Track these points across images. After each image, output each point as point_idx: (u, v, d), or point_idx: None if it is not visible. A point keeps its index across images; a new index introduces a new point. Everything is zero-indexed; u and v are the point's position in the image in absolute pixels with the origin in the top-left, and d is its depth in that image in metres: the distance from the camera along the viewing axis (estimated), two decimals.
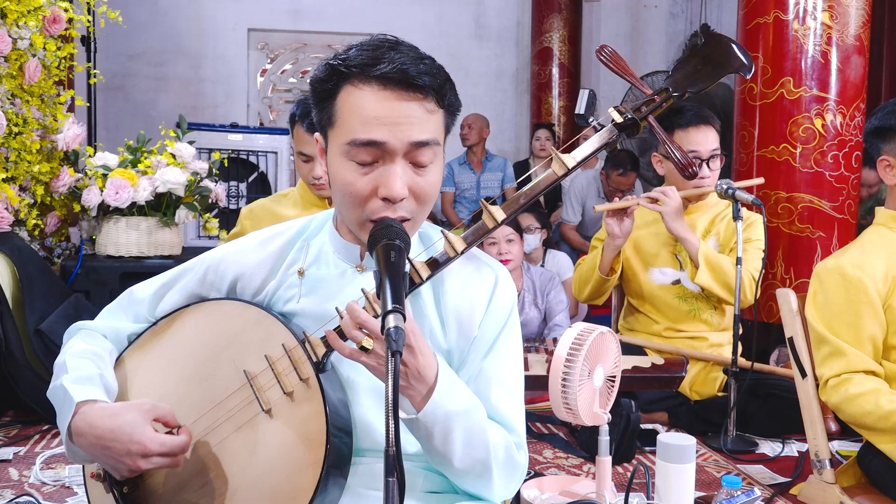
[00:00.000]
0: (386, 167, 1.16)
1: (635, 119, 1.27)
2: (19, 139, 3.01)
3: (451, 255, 1.22)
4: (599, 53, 1.37)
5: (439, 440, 1.17)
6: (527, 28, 7.40)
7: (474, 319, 1.29)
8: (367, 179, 1.17)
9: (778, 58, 3.34)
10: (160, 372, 1.29)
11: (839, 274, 2.01)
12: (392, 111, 1.14)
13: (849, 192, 3.35)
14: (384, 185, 1.16)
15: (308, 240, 1.33)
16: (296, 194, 2.74)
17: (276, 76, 7.41)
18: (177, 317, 1.32)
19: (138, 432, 1.13)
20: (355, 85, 1.16)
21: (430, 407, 1.14)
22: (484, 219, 1.24)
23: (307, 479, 1.14)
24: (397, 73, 1.14)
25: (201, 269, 1.34)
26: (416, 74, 1.14)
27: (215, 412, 1.23)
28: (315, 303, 1.28)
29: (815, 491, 2.13)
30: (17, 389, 2.76)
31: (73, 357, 1.26)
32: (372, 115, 1.14)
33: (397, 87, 1.15)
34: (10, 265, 2.84)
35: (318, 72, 1.20)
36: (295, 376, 1.19)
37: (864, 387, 1.94)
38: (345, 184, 1.18)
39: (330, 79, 1.18)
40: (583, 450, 2.58)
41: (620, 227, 2.79)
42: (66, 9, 3.22)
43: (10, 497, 2.07)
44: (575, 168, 1.25)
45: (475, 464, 1.22)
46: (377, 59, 1.15)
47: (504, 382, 1.29)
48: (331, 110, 1.19)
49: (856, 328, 1.98)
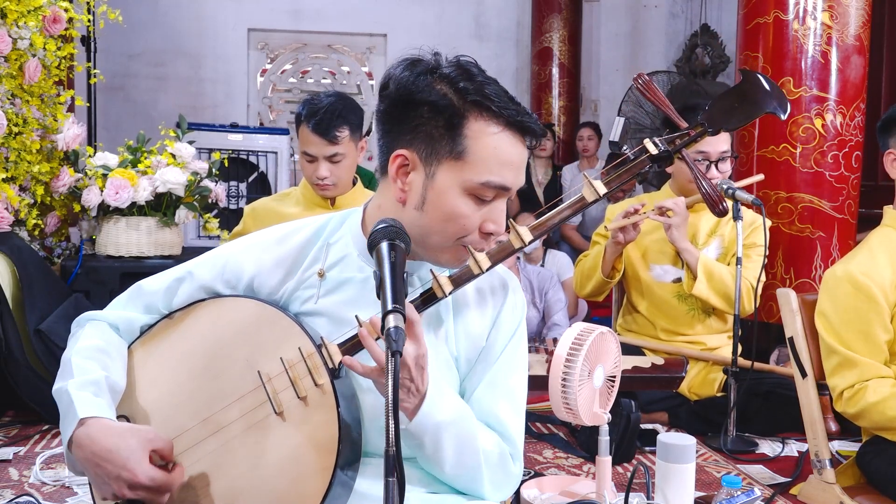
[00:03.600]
0: (497, 205, 1.23)
1: (669, 151, 1.29)
2: (19, 139, 3.01)
3: (475, 272, 1.25)
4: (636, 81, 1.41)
5: (430, 448, 1.21)
6: (527, 28, 7.40)
7: (483, 330, 1.32)
8: (479, 215, 1.22)
9: (778, 58, 3.33)
10: (171, 365, 1.28)
11: (849, 282, 2.01)
12: (519, 157, 1.21)
13: (849, 192, 3.35)
14: (494, 221, 1.23)
15: (328, 240, 1.33)
16: (298, 194, 2.74)
17: (276, 76, 7.41)
18: (191, 310, 1.31)
19: (133, 460, 1.13)
20: (487, 122, 1.18)
21: (420, 417, 1.17)
22: (511, 238, 1.28)
23: (315, 486, 1.14)
24: (525, 121, 1.20)
25: (218, 264, 1.33)
26: (536, 128, 1.21)
27: (225, 411, 1.22)
28: (334, 305, 1.28)
29: (815, 491, 2.13)
30: (17, 389, 2.76)
31: (79, 356, 1.25)
32: (508, 160, 1.20)
33: (519, 133, 1.20)
34: (10, 265, 2.84)
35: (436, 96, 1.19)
36: (310, 381, 1.19)
37: (881, 393, 1.94)
38: (459, 215, 1.21)
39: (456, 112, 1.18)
40: (583, 450, 2.58)
41: (626, 237, 2.79)
42: (66, 9, 3.22)
43: (10, 497, 2.07)
44: (605, 196, 1.30)
45: (466, 470, 1.24)
46: (506, 100, 1.19)
47: (507, 393, 1.31)
48: (459, 142, 1.18)
49: (867, 336, 1.98)
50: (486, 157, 1.18)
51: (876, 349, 1.98)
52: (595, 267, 2.91)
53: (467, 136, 1.18)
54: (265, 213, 2.72)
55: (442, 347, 1.30)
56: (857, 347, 1.98)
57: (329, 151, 2.52)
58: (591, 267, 2.93)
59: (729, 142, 2.82)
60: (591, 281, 2.93)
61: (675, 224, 2.76)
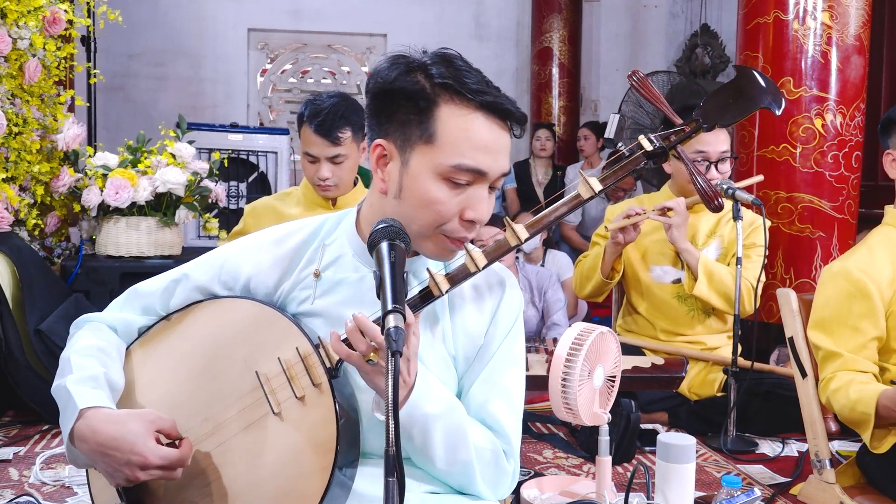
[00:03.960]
0: (475, 191, 1.20)
1: (664, 148, 1.29)
2: (19, 139, 3.01)
3: (472, 271, 1.24)
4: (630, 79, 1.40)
5: (419, 441, 1.20)
6: (527, 28, 7.40)
7: (481, 328, 1.31)
8: (456, 201, 1.20)
9: (778, 58, 3.34)
10: (169, 366, 1.28)
11: (844, 278, 2.01)
12: (496, 141, 1.19)
13: (849, 192, 3.35)
14: (473, 208, 1.20)
15: (324, 241, 1.33)
16: (299, 193, 2.74)
17: (276, 76, 7.41)
18: (189, 312, 1.31)
19: (140, 443, 1.13)
20: (457, 105, 1.17)
21: (408, 409, 1.17)
22: (507, 236, 1.27)
23: (314, 485, 1.14)
24: (501, 103, 1.18)
25: (215, 265, 1.33)
26: (514, 110, 1.19)
27: (224, 411, 1.22)
28: (331, 305, 1.28)
29: (815, 491, 2.13)
30: (17, 389, 2.76)
31: (77, 354, 1.25)
32: (481, 144, 1.18)
33: (496, 117, 1.19)
34: (10, 265, 2.84)
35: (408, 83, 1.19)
36: (307, 380, 1.19)
37: (840, 381, 1.94)
38: (434, 201, 1.19)
39: (426, 95, 1.18)
40: (583, 450, 2.58)
41: (626, 237, 2.79)
42: (67, 9, 3.22)
43: (10, 497, 2.07)
44: (601, 193, 1.29)
45: (457, 464, 1.24)
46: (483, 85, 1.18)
47: (504, 391, 1.31)
48: (429, 126, 1.18)
49: (855, 331, 1.98)
50: (457, 140, 1.17)
51: (863, 346, 1.98)
52: (594, 268, 2.91)
53: (438, 119, 1.18)
54: (266, 213, 2.72)
55: (439, 346, 1.29)
56: (845, 342, 1.98)
57: (331, 152, 2.52)
58: (591, 268, 2.93)
59: (729, 142, 2.82)
60: (590, 282, 2.93)
61: (675, 224, 2.76)
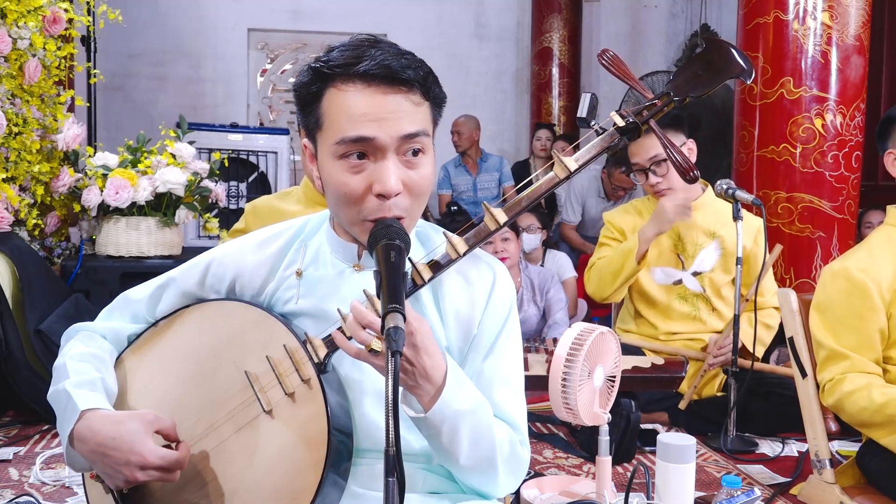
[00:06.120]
0: (378, 164, 1.16)
1: (636, 123, 1.27)
2: (19, 139, 3.01)
3: (453, 257, 1.22)
4: (601, 57, 1.37)
5: (447, 438, 1.18)
6: (527, 28, 7.40)
7: (474, 318, 1.29)
8: (359, 178, 1.16)
9: (778, 58, 3.34)
10: (160, 372, 1.29)
11: (844, 278, 2.00)
12: (379, 106, 1.14)
13: (849, 192, 3.35)
14: (378, 181, 1.15)
15: (305, 240, 1.33)
16: (299, 192, 2.74)
17: (276, 76, 7.41)
18: (177, 317, 1.32)
19: (139, 443, 1.13)
20: (339, 87, 1.16)
21: (439, 406, 1.15)
22: (486, 221, 1.24)
23: (308, 481, 1.14)
24: (380, 68, 1.14)
25: (200, 269, 1.33)
26: (399, 68, 1.14)
27: (215, 413, 1.23)
28: (313, 303, 1.27)
29: (815, 491, 2.13)
30: (17, 389, 2.76)
31: (73, 360, 1.25)
32: (359, 112, 1.14)
33: (382, 83, 1.15)
34: (10, 265, 2.84)
35: (302, 77, 1.20)
36: (296, 377, 1.19)
37: (856, 384, 1.94)
38: (338, 184, 1.17)
39: (313, 82, 1.18)
40: (583, 450, 2.59)
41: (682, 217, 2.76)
42: (67, 9, 3.22)
43: (10, 497, 2.07)
44: (577, 172, 1.25)
45: (480, 461, 1.22)
46: (359, 58, 1.15)
47: (506, 381, 1.30)
48: (317, 113, 1.18)
49: (859, 332, 1.98)
50: (338, 117, 1.16)
51: (867, 346, 1.98)
52: (623, 258, 2.81)
53: (322, 104, 1.17)
54: (266, 211, 2.72)
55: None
56: (849, 343, 1.98)
57: None
58: (617, 260, 2.84)
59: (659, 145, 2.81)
60: (618, 276, 2.84)
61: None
